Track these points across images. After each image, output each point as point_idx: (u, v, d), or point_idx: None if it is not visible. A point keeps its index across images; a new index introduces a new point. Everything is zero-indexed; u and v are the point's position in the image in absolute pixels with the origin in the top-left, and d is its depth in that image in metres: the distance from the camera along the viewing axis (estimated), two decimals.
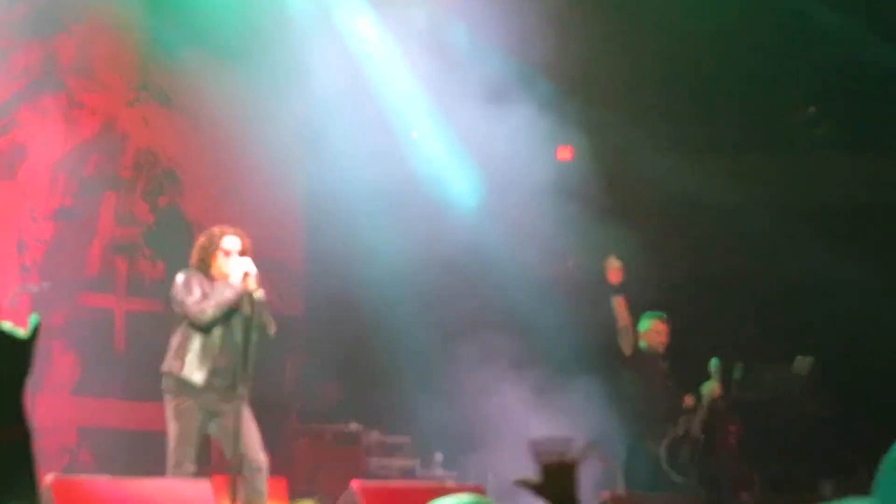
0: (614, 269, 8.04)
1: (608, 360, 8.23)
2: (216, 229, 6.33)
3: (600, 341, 8.42)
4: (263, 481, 6.13)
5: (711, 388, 8.20)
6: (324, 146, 9.27)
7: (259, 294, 6.14)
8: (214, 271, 6.23)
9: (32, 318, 2.25)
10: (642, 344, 8.24)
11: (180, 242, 7.85)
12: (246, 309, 6.13)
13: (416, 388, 8.82)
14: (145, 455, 7.78)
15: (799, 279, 9.54)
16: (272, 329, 6.27)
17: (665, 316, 8.33)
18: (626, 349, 8.14)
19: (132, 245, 9.23)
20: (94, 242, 9.02)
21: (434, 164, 9.24)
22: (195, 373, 6.15)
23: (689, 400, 8.28)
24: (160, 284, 8.71)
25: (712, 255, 9.89)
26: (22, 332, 2.23)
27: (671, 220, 9.91)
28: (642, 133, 9.55)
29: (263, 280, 6.24)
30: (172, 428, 6.15)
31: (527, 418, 8.10)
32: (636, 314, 8.28)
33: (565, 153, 9.82)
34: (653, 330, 8.26)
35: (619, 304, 8.09)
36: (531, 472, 2.43)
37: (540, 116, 8.81)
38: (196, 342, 6.16)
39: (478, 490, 6.35)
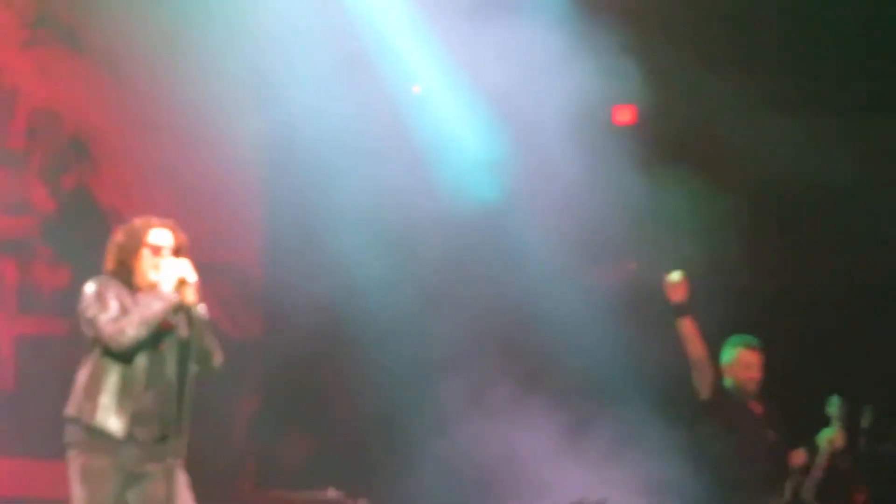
0: (676, 284, 8.07)
1: (681, 404, 8.34)
2: (139, 221, 6.39)
3: (669, 376, 8.58)
4: None
5: (831, 438, 8.25)
6: (286, 106, 9.49)
7: (200, 309, 6.19)
8: (138, 278, 6.29)
9: None
10: (727, 382, 8.27)
11: (91, 239, 7.71)
12: (181, 330, 6.18)
13: (416, 438, 8.97)
14: None
15: None
16: (218, 359, 6.33)
17: (757, 343, 8.34)
18: (704, 390, 8.14)
19: (24, 242, 9.31)
20: None
21: (442, 128, 9.52)
22: (111, 419, 6.17)
23: (798, 456, 8.32)
24: (63, 297, 8.73)
25: (828, 251, 9.96)
26: None
27: (770, 203, 10.01)
28: (730, 87, 9.65)
29: (206, 291, 6.29)
30: (78, 495, 6.15)
31: (569, 477, 8.32)
32: (718, 341, 8.30)
33: (625, 114, 9.95)
34: (740, 362, 8.30)
35: (686, 329, 8.10)
36: None
37: (591, 66, 8.98)
38: (113, 376, 6.20)
39: None
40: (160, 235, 6.31)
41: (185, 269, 6.16)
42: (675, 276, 8.07)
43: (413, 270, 9.39)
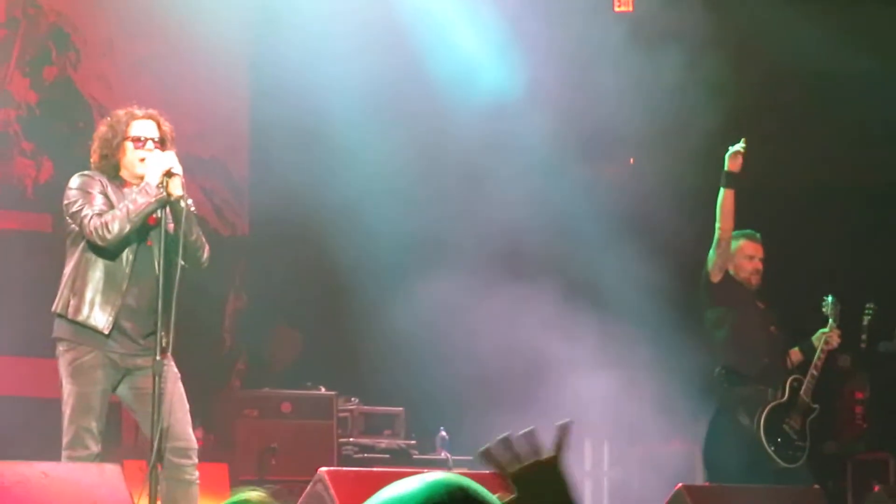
0: (736, 153, 8.05)
1: (684, 290, 8.40)
2: (122, 112, 6.35)
3: (672, 269, 8.68)
4: (193, 469, 6.22)
5: (827, 336, 8.24)
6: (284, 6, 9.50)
7: (186, 202, 6.16)
8: (123, 171, 6.28)
9: None
10: (731, 272, 8.32)
11: (75, 132, 8.07)
12: (168, 225, 6.16)
13: (410, 337, 8.89)
14: (30, 431, 7.96)
15: None
16: (205, 253, 6.31)
17: (759, 236, 8.34)
18: (716, 273, 8.17)
19: (5, 136, 9.33)
20: None
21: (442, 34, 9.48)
22: (96, 314, 6.19)
23: (795, 354, 8.32)
24: (47, 192, 8.75)
25: (834, 147, 9.88)
26: None
27: (775, 94, 9.88)
28: None
29: (192, 186, 6.36)
30: (68, 391, 6.19)
31: (569, 379, 8.30)
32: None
33: (625, 3, 9.92)
34: (742, 252, 8.28)
35: (726, 201, 8.08)
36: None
37: None
38: (97, 271, 6.20)
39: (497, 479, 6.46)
40: (143, 126, 6.28)
41: (169, 161, 6.15)
42: (739, 145, 8.04)
43: (407, 161, 9.35)
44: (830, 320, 8.24)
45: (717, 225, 8.09)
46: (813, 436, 8.23)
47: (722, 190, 8.03)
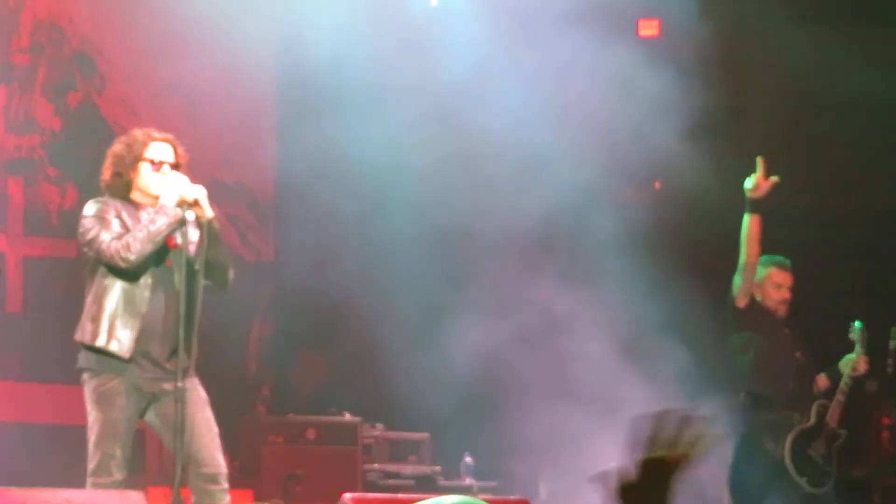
0: (761, 179, 8.07)
1: (711, 317, 8.40)
2: (139, 133, 6.39)
3: (696, 296, 8.61)
4: (221, 494, 6.21)
5: (853, 363, 8.28)
6: (297, 24, 9.51)
7: (213, 224, 6.20)
8: (135, 192, 6.31)
9: None
10: (757, 298, 8.34)
11: (99, 158, 7.88)
12: (188, 246, 6.20)
13: (436, 363, 8.92)
14: (54, 458, 8.00)
15: None
16: (230, 273, 6.32)
17: (789, 263, 8.34)
18: (741, 298, 8.18)
19: (30, 162, 9.38)
20: None
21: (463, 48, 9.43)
22: (116, 339, 6.19)
23: (822, 380, 8.37)
24: (72, 218, 8.49)
25: (866, 175, 9.90)
26: None
27: (807, 122, 9.94)
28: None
29: (217, 211, 6.32)
30: (93, 418, 6.20)
31: (598, 401, 8.29)
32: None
33: (650, 27, 9.93)
34: (771, 281, 8.29)
35: (752, 227, 8.08)
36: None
37: None
38: (115, 296, 6.20)
39: None
40: (160, 149, 6.31)
41: (186, 186, 6.17)
42: (757, 172, 8.09)
43: (431, 189, 9.37)
44: (857, 346, 8.26)
45: (743, 250, 8.11)
46: (840, 461, 8.26)
47: (746, 216, 8.05)
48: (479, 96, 9.30)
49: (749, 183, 8.06)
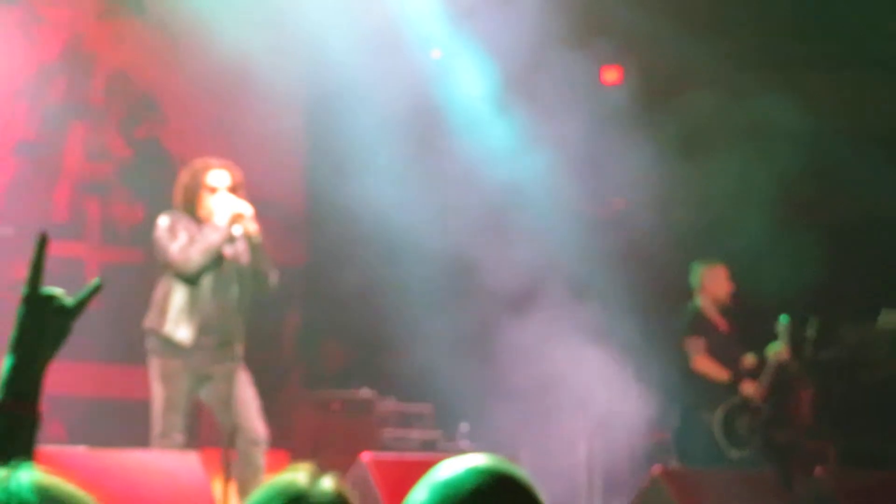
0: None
1: (665, 313, 8.59)
2: (199, 162, 6.59)
3: (653, 286, 8.85)
4: (261, 455, 6.46)
5: (777, 351, 8.43)
6: (330, 68, 9.40)
7: (255, 235, 6.39)
8: (200, 212, 6.51)
9: (93, 282, 2.37)
10: (698, 302, 8.48)
11: (162, 181, 7.92)
12: (240, 257, 6.44)
13: (438, 347, 8.94)
14: (125, 427, 8.02)
15: (890, 215, 9.73)
16: (273, 279, 6.52)
17: (717, 259, 8.60)
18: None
19: (105, 184, 9.43)
20: (62, 182, 9.27)
21: (461, 90, 9.55)
22: (180, 330, 6.42)
23: (748, 360, 8.52)
24: (139, 230, 8.87)
25: (786, 186, 9.60)
26: (69, 299, 2.32)
27: (743, 151, 9.74)
28: (707, 48, 9.52)
29: (257, 224, 6.50)
30: (158, 393, 6.45)
31: (569, 382, 8.39)
32: (692, 257, 8.60)
33: (612, 74, 9.93)
34: (710, 277, 8.50)
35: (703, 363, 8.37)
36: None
37: (580, 29, 8.88)
38: (180, 294, 6.45)
39: None
40: (217, 176, 6.50)
41: (237, 205, 6.37)
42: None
43: (446, 207, 9.57)
44: (782, 336, 8.41)
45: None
46: (764, 430, 8.40)
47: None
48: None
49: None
